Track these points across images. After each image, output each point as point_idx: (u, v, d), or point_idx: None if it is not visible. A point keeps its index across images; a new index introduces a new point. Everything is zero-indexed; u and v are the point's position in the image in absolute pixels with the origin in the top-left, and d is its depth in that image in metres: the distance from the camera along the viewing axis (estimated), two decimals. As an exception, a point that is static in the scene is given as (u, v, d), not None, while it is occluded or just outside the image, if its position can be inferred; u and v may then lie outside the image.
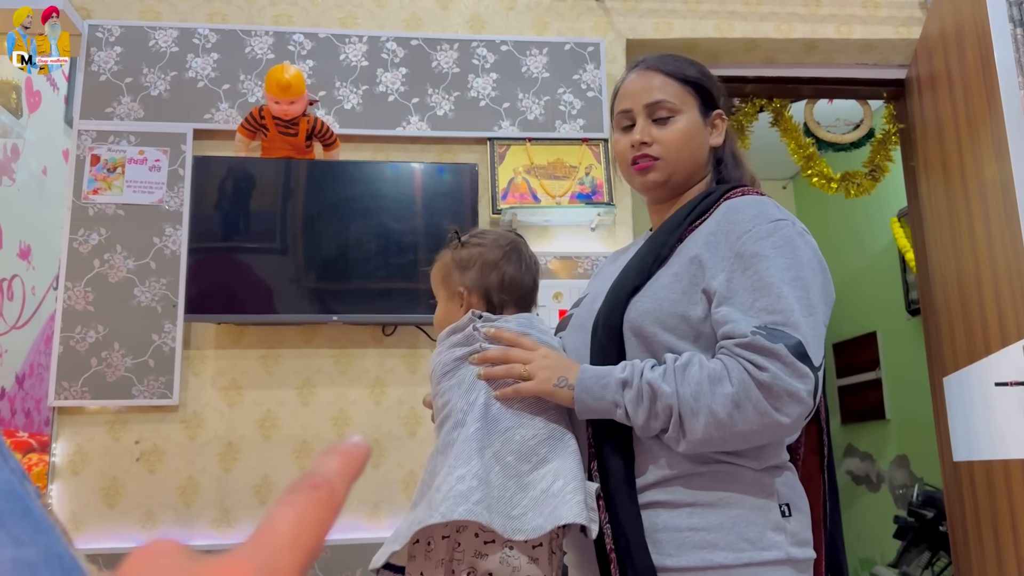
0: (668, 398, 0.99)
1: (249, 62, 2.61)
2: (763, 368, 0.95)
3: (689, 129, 1.20)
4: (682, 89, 1.21)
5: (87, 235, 2.44)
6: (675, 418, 0.99)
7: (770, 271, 1.02)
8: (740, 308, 1.01)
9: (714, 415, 0.97)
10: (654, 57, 1.25)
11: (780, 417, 0.95)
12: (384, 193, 2.47)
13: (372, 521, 2.40)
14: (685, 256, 1.10)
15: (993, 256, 2.33)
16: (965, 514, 2.58)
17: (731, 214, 1.10)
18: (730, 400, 0.96)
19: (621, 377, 1.02)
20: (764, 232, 1.06)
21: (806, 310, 1.00)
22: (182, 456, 2.38)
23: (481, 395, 1.08)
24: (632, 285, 1.11)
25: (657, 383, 1.00)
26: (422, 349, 2.52)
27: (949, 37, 2.62)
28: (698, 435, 0.98)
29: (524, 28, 2.78)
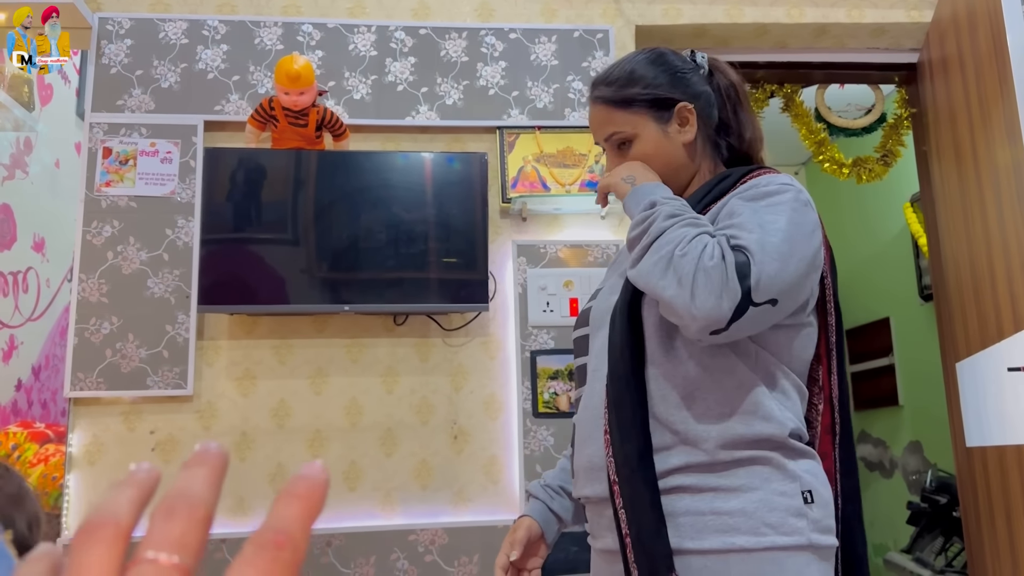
0: (653, 235, 1.05)
1: (258, 53, 2.62)
2: (711, 257, 0.99)
3: (647, 147, 1.21)
4: (627, 113, 1.21)
5: (100, 227, 2.46)
6: (640, 249, 1.07)
7: (770, 215, 1.05)
8: (736, 227, 1.05)
9: (657, 264, 1.03)
10: (600, 81, 1.25)
11: (691, 298, 0.99)
12: (394, 183, 2.48)
13: (386, 509, 2.42)
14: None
15: (1006, 241, 2.32)
16: (978, 500, 2.57)
17: (753, 185, 1.13)
18: (671, 261, 1.02)
19: (651, 199, 1.10)
20: (775, 189, 1.09)
21: (782, 256, 1.01)
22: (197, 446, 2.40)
23: None
24: None
25: (657, 220, 1.07)
26: (433, 338, 2.53)
27: (961, 20, 2.60)
28: (639, 269, 1.06)
29: (533, 16, 2.78)
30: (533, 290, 2.56)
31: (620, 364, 1.10)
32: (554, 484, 1.36)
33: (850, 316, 5.17)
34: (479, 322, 2.55)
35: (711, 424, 1.06)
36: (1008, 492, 2.34)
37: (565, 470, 1.37)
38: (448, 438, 2.48)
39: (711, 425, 1.06)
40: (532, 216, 2.64)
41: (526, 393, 2.49)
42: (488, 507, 2.45)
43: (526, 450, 2.45)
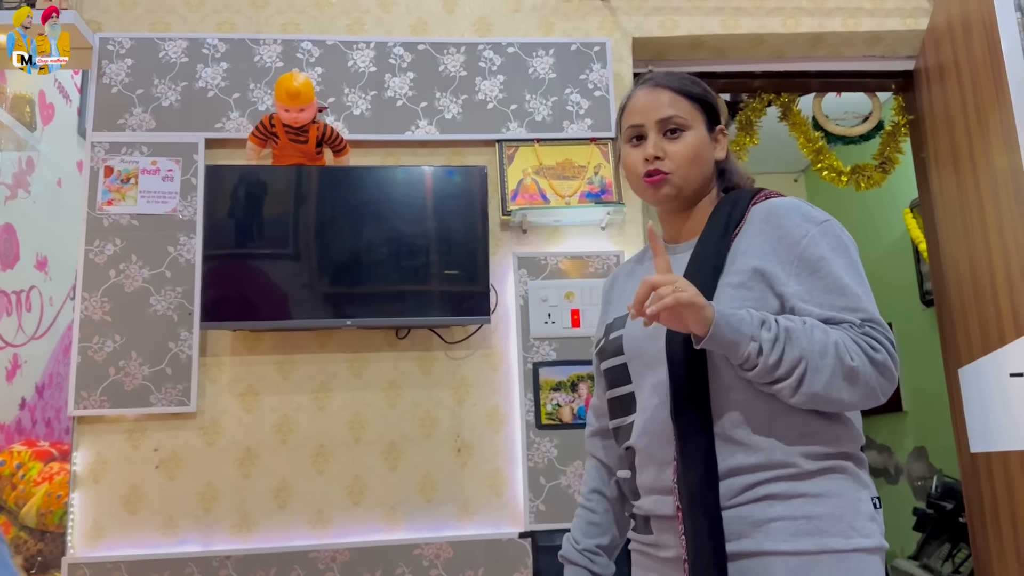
0: (801, 350, 1.06)
1: (258, 71, 2.64)
2: (876, 350, 1.09)
3: (698, 144, 1.26)
4: (691, 106, 1.27)
5: (103, 246, 2.47)
6: (801, 369, 1.07)
7: (838, 272, 1.13)
8: (824, 308, 1.12)
9: (833, 378, 1.07)
10: (661, 74, 1.31)
11: (880, 396, 1.09)
12: (395, 197, 2.49)
13: (390, 523, 2.42)
14: (744, 267, 1.17)
15: (1005, 246, 2.32)
16: (984, 505, 2.57)
17: (775, 220, 1.18)
18: (851, 371, 1.07)
19: (760, 317, 1.09)
20: (818, 236, 1.16)
21: (873, 303, 1.13)
22: (201, 462, 2.41)
23: None
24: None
25: (794, 333, 1.07)
26: (435, 351, 2.54)
27: (956, 27, 2.61)
28: (816, 389, 1.07)
29: (530, 30, 2.79)
30: (534, 302, 2.57)
31: (687, 402, 1.14)
32: (589, 545, 1.38)
33: (852, 322, 5.15)
34: (481, 335, 2.56)
35: (794, 445, 1.13)
36: (1013, 497, 2.34)
37: (593, 523, 1.39)
38: (452, 451, 2.48)
39: (794, 446, 1.13)
40: (532, 228, 2.65)
41: (529, 405, 2.49)
42: (492, 520, 2.45)
43: (530, 462, 2.45)
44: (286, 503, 2.40)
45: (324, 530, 2.40)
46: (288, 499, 2.41)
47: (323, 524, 2.40)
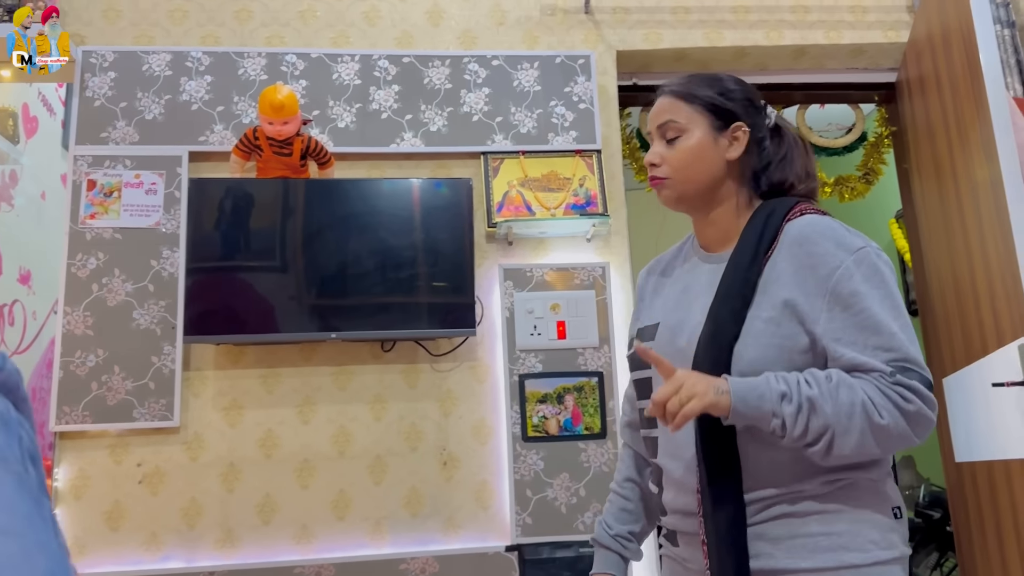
0: (826, 417, 1.05)
1: (242, 83, 2.63)
2: (909, 400, 1.06)
3: (695, 147, 1.24)
4: (690, 109, 1.25)
5: (85, 260, 2.46)
6: (828, 437, 1.06)
7: (872, 308, 1.10)
8: (857, 348, 1.09)
9: (863, 439, 1.06)
10: (675, 79, 1.30)
11: (916, 440, 1.08)
12: (380, 209, 2.49)
13: (375, 538, 2.40)
14: (776, 298, 1.14)
15: (987, 256, 2.34)
16: (969, 514, 2.57)
17: (808, 246, 1.15)
18: (881, 429, 1.06)
19: (780, 390, 1.07)
20: (852, 267, 1.12)
21: (910, 337, 1.10)
22: (184, 477, 2.39)
23: None
24: (732, 332, 1.14)
25: (817, 401, 1.06)
26: (421, 364, 2.53)
27: (936, 40, 2.64)
28: (845, 452, 1.07)
29: (515, 43, 2.80)
30: (520, 314, 2.56)
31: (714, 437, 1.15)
32: (622, 531, 1.40)
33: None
34: (467, 347, 2.55)
35: (815, 475, 1.14)
36: (997, 507, 2.35)
37: (626, 510, 1.41)
38: (438, 464, 2.47)
39: (815, 476, 1.14)
40: (518, 240, 2.65)
41: (515, 417, 2.49)
42: (479, 533, 2.44)
43: (516, 475, 2.44)
44: (270, 518, 2.39)
45: (309, 545, 2.38)
46: (272, 514, 2.39)
47: (308, 539, 2.38)
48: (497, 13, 2.82)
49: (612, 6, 2.87)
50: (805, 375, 1.09)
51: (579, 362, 2.54)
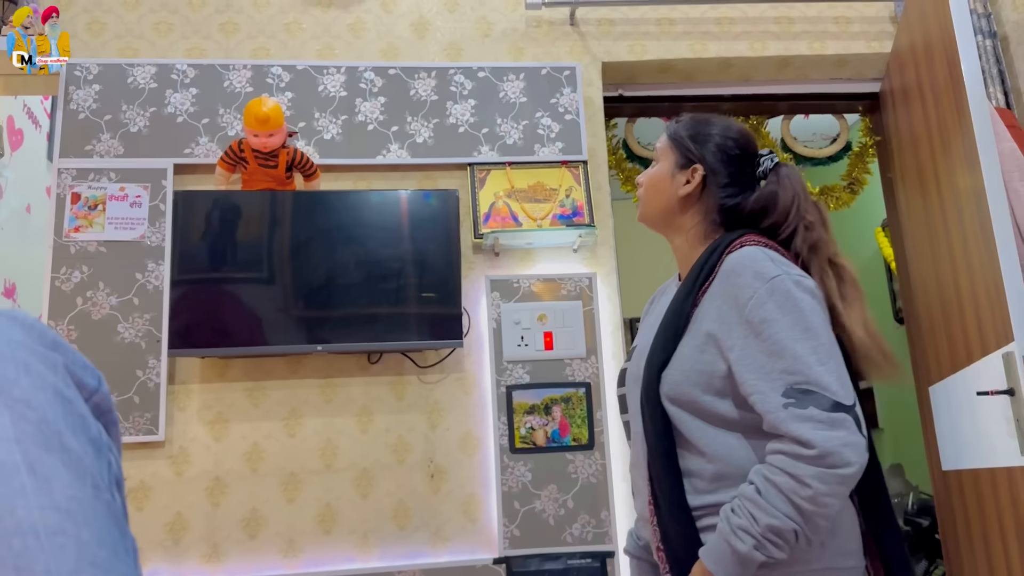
0: (785, 527, 1.12)
1: (228, 96, 2.63)
2: (809, 445, 1.11)
3: (656, 176, 1.42)
4: (667, 143, 1.43)
5: (69, 273, 2.44)
6: (802, 538, 1.13)
7: (780, 333, 1.16)
8: (762, 374, 1.17)
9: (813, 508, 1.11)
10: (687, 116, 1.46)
11: (847, 471, 1.10)
12: (367, 221, 2.48)
13: (362, 552, 2.39)
14: (701, 329, 1.25)
15: (970, 265, 2.35)
16: (956, 523, 2.58)
17: (731, 278, 1.24)
18: (817, 494, 1.11)
19: (745, 551, 1.12)
20: (765, 295, 1.19)
21: (820, 359, 1.15)
22: (169, 492, 2.37)
23: None
24: (660, 360, 1.28)
25: (773, 523, 1.11)
26: (408, 376, 2.52)
27: (919, 50, 2.66)
28: (818, 536, 1.14)
29: (500, 54, 2.81)
30: (507, 325, 2.56)
31: (655, 449, 1.27)
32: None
33: (827, 341, 5.20)
34: (454, 358, 2.55)
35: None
36: (984, 515, 2.35)
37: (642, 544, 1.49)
38: (425, 477, 2.46)
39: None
40: (504, 251, 2.65)
41: (503, 429, 2.48)
42: (467, 546, 2.42)
43: (504, 487, 2.44)
44: (256, 532, 2.37)
45: (295, 559, 2.36)
46: (258, 528, 2.37)
47: (294, 553, 2.37)
48: (483, 25, 2.83)
49: (597, 18, 2.88)
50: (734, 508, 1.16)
51: (566, 373, 2.53)
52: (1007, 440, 2.16)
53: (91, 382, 0.47)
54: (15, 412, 0.40)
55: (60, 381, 0.44)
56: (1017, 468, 2.12)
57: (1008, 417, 2.14)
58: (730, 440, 1.22)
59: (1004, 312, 2.14)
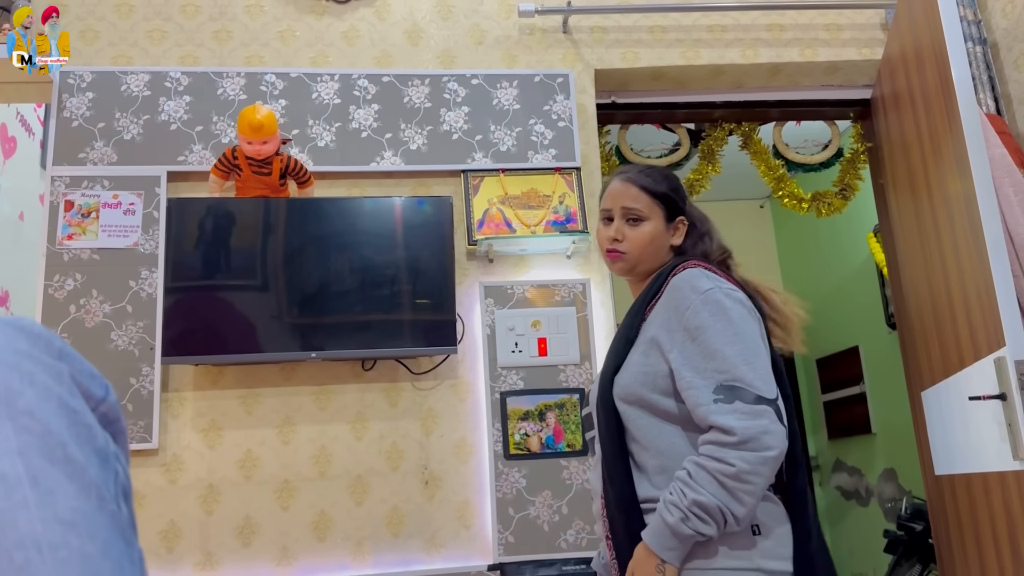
0: (710, 503, 1.25)
1: (221, 103, 2.63)
2: (730, 432, 1.26)
3: (652, 232, 1.53)
4: (651, 201, 1.54)
5: (62, 281, 2.44)
6: (727, 514, 1.25)
7: (711, 338, 1.33)
8: (697, 373, 1.33)
9: (737, 484, 1.25)
10: (635, 170, 1.59)
11: (768, 453, 1.25)
12: (361, 228, 2.49)
13: (357, 559, 2.38)
14: (647, 336, 1.43)
15: (961, 270, 2.37)
16: (949, 527, 2.59)
17: (674, 292, 1.41)
18: (740, 472, 1.25)
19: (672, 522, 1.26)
20: (700, 305, 1.36)
21: (746, 360, 1.31)
22: (163, 500, 2.36)
23: None
24: (613, 367, 1.45)
25: (699, 498, 1.25)
26: (402, 382, 2.52)
27: (909, 57, 2.67)
28: (743, 511, 1.26)
29: (494, 62, 2.82)
30: (501, 331, 2.57)
31: (608, 448, 1.42)
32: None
33: (820, 346, 5.22)
34: (448, 365, 2.55)
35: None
36: (977, 519, 2.36)
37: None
38: (419, 484, 2.46)
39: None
40: (498, 257, 2.66)
41: (497, 435, 2.48)
42: (461, 553, 2.42)
43: (498, 493, 2.44)
44: (250, 540, 2.37)
45: (289, 567, 2.36)
46: (252, 536, 2.37)
47: (288, 561, 2.36)
48: (476, 33, 2.84)
49: (590, 25, 2.90)
50: (670, 491, 1.29)
51: (560, 379, 2.54)
52: (999, 444, 2.17)
53: (98, 392, 0.47)
54: (18, 424, 0.40)
55: (66, 391, 0.44)
56: (1010, 472, 2.13)
57: (1000, 421, 2.15)
58: (673, 434, 1.37)
59: (995, 317, 2.15)
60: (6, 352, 0.43)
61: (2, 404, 0.40)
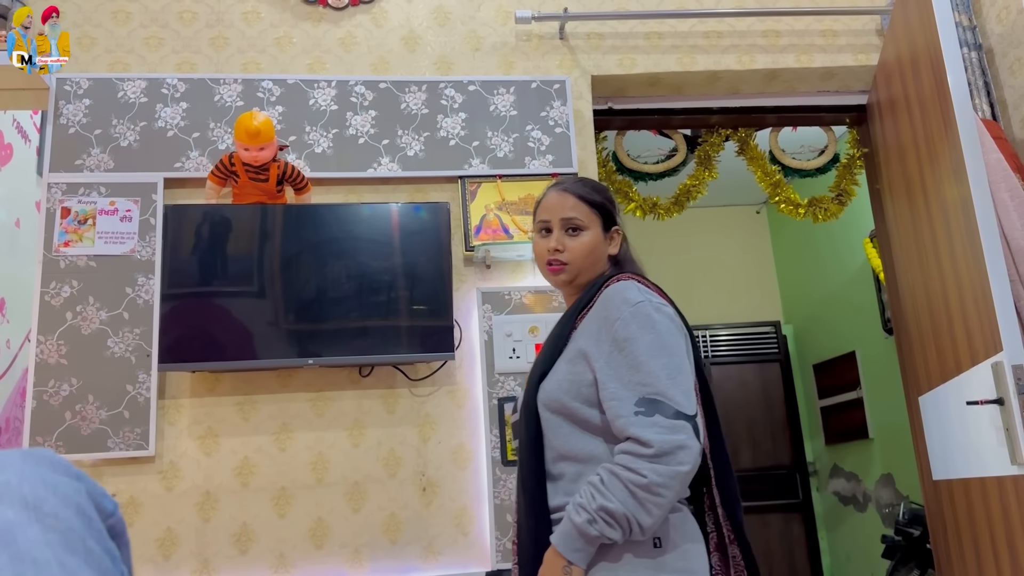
0: (618, 511, 1.27)
1: (218, 110, 2.63)
2: (647, 445, 1.27)
3: (592, 242, 1.54)
4: (590, 211, 1.55)
5: (59, 288, 2.43)
6: (633, 522, 1.27)
7: (638, 350, 1.35)
8: (621, 384, 1.34)
9: (646, 495, 1.27)
10: (571, 181, 1.60)
11: (681, 468, 1.27)
12: (358, 234, 2.49)
13: (354, 566, 2.38)
14: (576, 344, 1.44)
15: (958, 275, 2.37)
16: (947, 532, 2.59)
17: (605, 302, 1.43)
18: (651, 483, 1.26)
19: (579, 523, 1.28)
20: (629, 317, 1.38)
21: (670, 374, 1.33)
22: (160, 507, 2.35)
23: None
24: (539, 373, 1.46)
25: (608, 504, 1.27)
26: (399, 389, 2.52)
27: (905, 62, 2.68)
28: (649, 522, 1.28)
29: (491, 68, 2.83)
30: (499, 337, 2.56)
31: (525, 454, 1.43)
32: None
33: (817, 351, 5.22)
34: (445, 371, 2.55)
35: None
36: (975, 524, 2.36)
37: None
38: (417, 490, 2.46)
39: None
40: (496, 263, 2.66)
41: (495, 441, 2.48)
42: (459, 560, 2.42)
43: (496, 499, 2.43)
44: (247, 548, 2.36)
45: (286, 574, 2.35)
46: (249, 543, 2.36)
47: (285, 568, 2.35)
48: (473, 39, 2.85)
49: (586, 32, 2.90)
50: (580, 495, 1.31)
51: (558, 385, 2.53)
52: (997, 449, 2.17)
53: (108, 506, 0.57)
54: (46, 524, 0.49)
55: (83, 502, 0.54)
56: (1007, 477, 2.13)
57: (998, 426, 2.16)
58: (593, 444, 1.39)
59: (992, 322, 2.16)
60: (33, 472, 0.53)
61: (32, 510, 0.49)
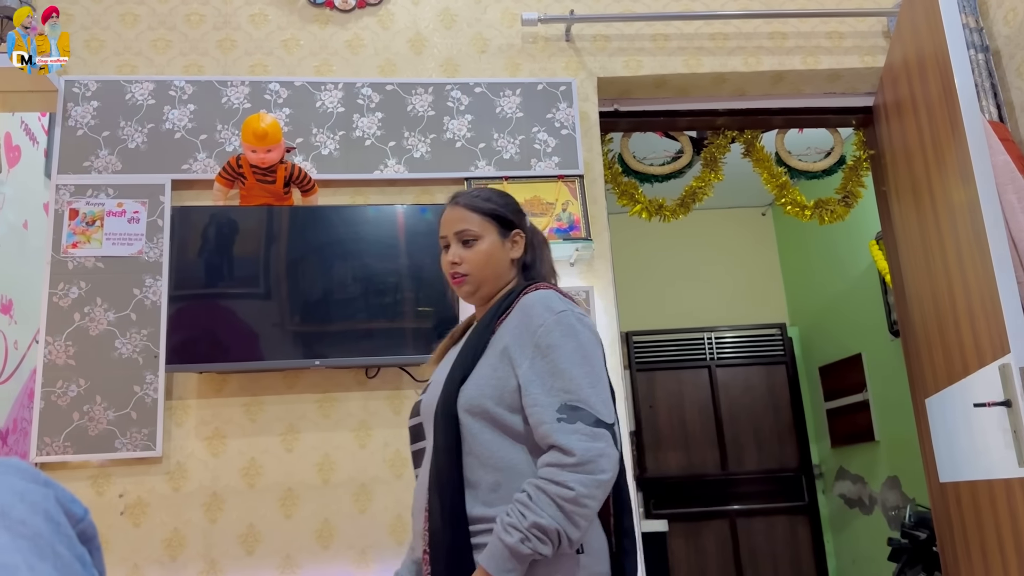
0: (550, 526, 1.27)
1: (226, 112, 2.64)
2: (570, 453, 1.29)
3: (488, 249, 1.53)
4: (482, 219, 1.54)
5: (67, 289, 2.44)
6: (564, 536, 1.28)
7: (561, 358, 1.37)
8: (543, 389, 1.36)
9: (574, 508, 1.28)
10: (463, 194, 1.59)
11: (603, 476, 1.30)
12: (364, 235, 2.49)
13: (360, 567, 2.38)
14: (497, 348, 1.44)
15: (965, 278, 2.37)
16: (954, 535, 2.58)
17: (527, 309, 1.44)
18: (578, 496, 1.28)
19: (512, 543, 1.26)
20: (552, 324, 1.40)
21: (592, 383, 1.36)
22: (167, 508, 2.36)
23: None
24: (460, 376, 1.44)
25: (539, 521, 1.26)
26: (405, 390, 2.52)
27: (912, 64, 2.68)
28: (578, 534, 1.29)
29: (497, 70, 2.83)
30: (505, 339, 2.56)
31: (443, 460, 1.39)
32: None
33: (823, 353, 5.21)
34: (451, 373, 2.55)
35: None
36: (982, 526, 2.36)
37: (416, 561, 1.55)
38: (423, 491, 2.46)
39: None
40: (502, 265, 2.66)
41: (500, 443, 2.48)
42: (465, 561, 2.41)
43: (502, 501, 2.43)
44: (254, 548, 2.36)
45: (293, 575, 2.35)
46: (256, 544, 2.37)
47: (292, 569, 2.36)
48: (479, 41, 2.86)
49: (592, 34, 2.91)
50: (509, 511, 1.30)
51: (564, 386, 2.53)
52: (1004, 452, 2.16)
53: (78, 512, 0.57)
54: (14, 531, 0.49)
55: (52, 508, 0.54)
56: (1015, 480, 2.13)
57: (1005, 428, 2.15)
58: (514, 452, 1.38)
59: (1000, 323, 2.15)
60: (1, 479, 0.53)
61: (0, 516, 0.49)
